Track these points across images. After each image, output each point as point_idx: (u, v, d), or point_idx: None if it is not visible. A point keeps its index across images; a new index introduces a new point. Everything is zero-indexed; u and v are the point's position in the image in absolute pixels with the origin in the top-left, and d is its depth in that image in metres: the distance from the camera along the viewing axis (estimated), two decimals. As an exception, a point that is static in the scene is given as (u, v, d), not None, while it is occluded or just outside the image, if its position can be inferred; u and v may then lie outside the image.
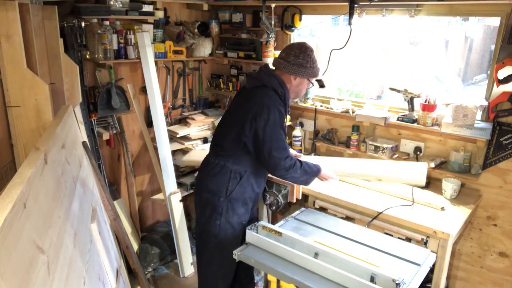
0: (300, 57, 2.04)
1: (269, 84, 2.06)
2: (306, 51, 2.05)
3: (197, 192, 2.26)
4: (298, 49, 2.05)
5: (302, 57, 2.04)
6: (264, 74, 2.10)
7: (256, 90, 2.08)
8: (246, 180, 2.13)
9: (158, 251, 3.16)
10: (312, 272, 1.70)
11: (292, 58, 2.05)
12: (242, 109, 2.07)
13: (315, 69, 2.09)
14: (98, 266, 1.61)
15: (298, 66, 2.05)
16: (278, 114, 2.00)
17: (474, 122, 2.35)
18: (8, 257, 0.83)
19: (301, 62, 2.05)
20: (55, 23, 2.14)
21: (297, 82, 2.11)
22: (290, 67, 2.05)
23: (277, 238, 1.91)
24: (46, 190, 1.20)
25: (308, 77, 2.10)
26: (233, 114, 2.16)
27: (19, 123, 1.80)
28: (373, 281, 1.58)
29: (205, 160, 2.24)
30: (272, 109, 2.00)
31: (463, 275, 2.65)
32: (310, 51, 2.07)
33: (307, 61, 2.05)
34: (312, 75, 2.10)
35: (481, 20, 2.91)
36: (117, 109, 2.95)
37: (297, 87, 2.13)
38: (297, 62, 2.04)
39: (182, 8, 3.32)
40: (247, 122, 2.01)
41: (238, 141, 2.07)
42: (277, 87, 2.06)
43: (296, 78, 2.09)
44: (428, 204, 2.27)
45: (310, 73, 2.08)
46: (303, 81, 2.12)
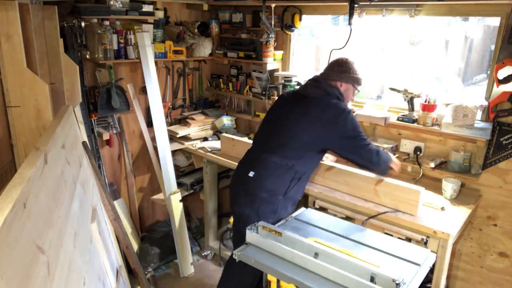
0: (349, 66, 2.28)
1: (332, 92, 2.24)
2: (352, 63, 2.30)
3: (252, 191, 2.22)
4: (347, 61, 2.30)
5: (350, 66, 2.29)
6: (324, 84, 2.27)
7: (323, 97, 2.23)
8: (303, 181, 2.28)
9: (158, 251, 3.16)
10: (312, 272, 1.70)
11: (337, 68, 2.29)
12: (316, 114, 2.19)
13: (358, 76, 2.29)
14: (98, 266, 1.61)
15: (341, 72, 2.27)
16: (351, 116, 2.21)
17: (474, 122, 2.35)
18: (8, 257, 0.83)
19: (345, 69, 2.28)
20: (55, 23, 2.14)
21: (344, 88, 2.29)
22: (336, 75, 2.27)
23: (277, 238, 1.91)
24: (46, 190, 1.20)
25: (352, 83, 2.28)
26: (297, 116, 2.23)
27: (19, 123, 1.80)
28: (373, 281, 1.58)
29: (267, 160, 2.22)
30: (347, 111, 2.20)
31: (463, 275, 2.65)
32: (352, 63, 2.30)
33: (354, 70, 2.28)
34: (355, 81, 2.29)
35: (481, 20, 2.91)
36: (117, 109, 2.95)
37: (346, 92, 2.30)
38: (340, 69, 2.27)
39: (182, 8, 3.33)
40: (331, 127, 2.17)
41: (313, 144, 2.22)
42: (338, 93, 2.26)
43: (342, 84, 2.27)
44: (428, 204, 2.26)
45: (354, 78, 2.28)
46: (349, 87, 2.29)
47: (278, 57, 3.17)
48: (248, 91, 3.34)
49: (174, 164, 3.25)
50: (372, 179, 2.30)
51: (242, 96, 3.43)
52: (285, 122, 2.27)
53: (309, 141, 2.21)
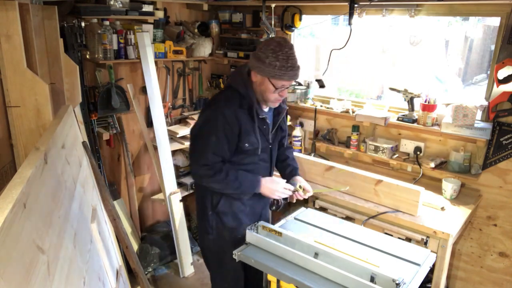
0: (262, 50, 1.71)
1: (232, 82, 1.85)
2: (271, 45, 1.69)
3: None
4: (267, 41, 1.74)
5: (264, 50, 1.70)
6: (235, 71, 1.88)
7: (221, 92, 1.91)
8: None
9: (158, 251, 3.16)
10: (312, 272, 1.70)
11: (256, 51, 1.75)
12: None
13: (275, 69, 1.68)
14: (98, 266, 1.61)
15: (256, 60, 1.72)
16: (213, 115, 1.77)
17: (474, 122, 2.35)
18: (8, 257, 0.83)
19: (260, 55, 1.71)
20: (55, 23, 2.14)
21: (258, 81, 1.78)
22: (251, 60, 1.76)
23: (277, 238, 1.91)
24: (46, 190, 1.20)
25: (267, 76, 1.72)
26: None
27: (19, 123, 1.80)
28: (373, 281, 1.58)
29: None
30: (210, 110, 1.82)
31: (463, 275, 2.65)
32: (279, 46, 1.68)
33: (267, 55, 1.68)
34: (270, 74, 1.70)
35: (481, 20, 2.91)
36: (117, 109, 2.95)
37: (259, 87, 1.80)
38: (257, 55, 1.72)
39: (182, 8, 3.33)
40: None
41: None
42: (239, 86, 1.81)
43: (257, 76, 1.77)
44: (428, 204, 2.27)
45: (267, 70, 1.69)
46: (264, 81, 1.76)
47: (278, 57, 3.17)
48: (248, 91, 3.33)
49: (174, 164, 3.25)
50: (372, 179, 2.30)
51: (242, 96, 3.42)
52: None
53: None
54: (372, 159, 2.80)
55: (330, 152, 3.00)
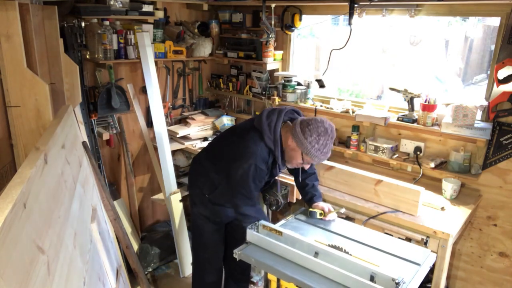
0: (310, 127, 1.92)
1: (264, 134, 1.99)
2: (320, 127, 1.91)
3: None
4: (317, 121, 1.94)
5: (312, 128, 1.92)
6: (267, 122, 2.01)
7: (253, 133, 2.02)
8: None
9: (158, 251, 3.16)
10: (312, 271, 1.70)
11: (304, 123, 1.95)
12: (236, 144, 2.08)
13: (312, 149, 1.92)
14: (98, 266, 1.61)
15: (302, 132, 1.93)
16: (253, 169, 1.97)
17: (474, 122, 2.35)
18: (8, 257, 0.83)
19: (306, 131, 1.93)
20: (55, 23, 2.14)
21: (291, 146, 2.00)
22: (297, 129, 1.96)
23: (278, 238, 1.91)
24: (46, 190, 1.20)
25: (301, 150, 1.96)
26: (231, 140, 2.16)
27: (19, 123, 1.80)
28: (373, 281, 1.58)
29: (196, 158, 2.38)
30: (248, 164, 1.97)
31: (463, 275, 2.65)
32: (325, 132, 1.91)
33: (311, 134, 1.91)
34: (305, 151, 1.94)
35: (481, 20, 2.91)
36: (117, 109, 2.95)
37: (290, 152, 2.02)
38: (304, 129, 1.93)
39: (182, 8, 3.33)
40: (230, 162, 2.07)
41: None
42: (269, 141, 1.99)
43: (292, 143, 1.98)
44: (428, 204, 2.27)
45: (304, 147, 1.93)
46: (297, 151, 1.98)
47: (278, 57, 3.17)
48: (248, 91, 3.34)
49: (174, 164, 3.25)
50: (372, 179, 2.30)
51: (242, 96, 3.43)
52: (226, 134, 2.28)
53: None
54: (372, 159, 2.80)
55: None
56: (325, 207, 2.20)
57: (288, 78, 3.10)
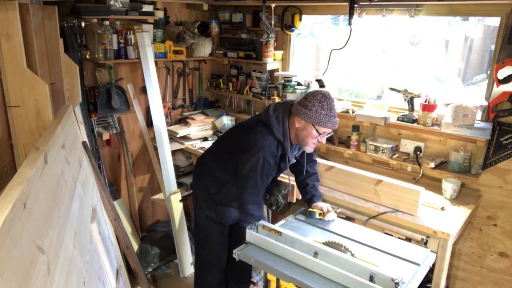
0: (308, 99, 1.93)
1: (272, 126, 1.99)
2: (317, 96, 1.92)
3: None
4: (312, 93, 1.95)
5: (311, 99, 1.92)
6: (274, 115, 2.01)
7: (261, 127, 2.02)
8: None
9: (158, 251, 3.16)
10: (311, 271, 1.70)
11: (302, 100, 1.97)
12: (243, 139, 2.08)
13: (320, 116, 1.90)
14: (98, 266, 1.61)
15: (303, 107, 1.93)
16: (261, 163, 1.96)
17: (474, 122, 2.35)
18: (8, 257, 0.83)
19: (307, 104, 1.92)
20: (55, 23, 2.14)
21: (301, 126, 1.98)
22: (296, 107, 1.97)
23: (277, 238, 1.91)
24: (46, 190, 1.20)
25: (312, 123, 1.93)
26: (238, 136, 2.15)
27: (19, 123, 1.80)
28: (372, 281, 1.58)
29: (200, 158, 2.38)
30: (256, 157, 1.96)
31: (463, 275, 2.65)
32: (324, 97, 1.91)
33: (313, 104, 1.90)
34: (316, 121, 1.91)
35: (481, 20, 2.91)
36: (117, 109, 2.95)
37: (301, 132, 1.99)
38: (303, 103, 1.94)
39: (182, 8, 3.33)
40: (238, 157, 2.05)
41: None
42: (278, 133, 1.99)
43: (301, 122, 1.97)
44: (428, 204, 2.27)
45: (313, 117, 1.90)
46: (308, 127, 1.95)
47: (278, 57, 3.17)
48: (248, 91, 3.34)
49: (174, 164, 3.25)
50: (372, 179, 2.30)
51: (242, 96, 3.43)
52: (231, 132, 2.29)
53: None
54: (372, 159, 2.80)
55: (330, 152, 3.00)
56: (324, 207, 2.20)
57: (288, 78, 3.09)
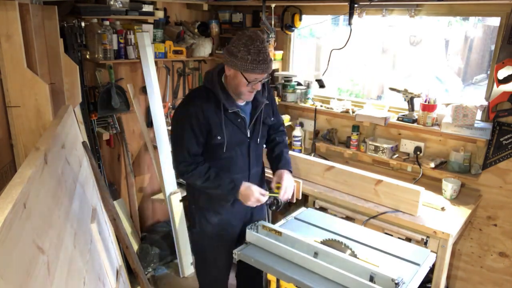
0: (234, 44, 1.72)
1: (204, 80, 1.91)
2: (242, 39, 1.70)
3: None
4: (238, 36, 1.73)
5: (236, 44, 1.71)
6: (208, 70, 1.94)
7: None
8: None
9: (158, 251, 3.16)
10: (311, 271, 1.70)
11: (229, 45, 1.76)
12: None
13: (247, 62, 1.68)
14: (98, 266, 1.61)
15: (229, 54, 1.74)
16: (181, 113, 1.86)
17: (474, 122, 2.35)
18: (8, 257, 0.83)
19: (232, 49, 1.72)
20: (55, 23, 2.14)
21: (231, 75, 1.79)
22: (224, 55, 1.78)
23: (277, 238, 1.91)
24: (46, 190, 1.20)
25: (239, 70, 1.72)
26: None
27: (19, 123, 1.80)
28: (373, 281, 1.58)
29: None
30: (178, 109, 1.90)
31: (463, 275, 2.65)
32: (250, 40, 1.69)
33: (238, 49, 1.69)
34: (243, 68, 1.71)
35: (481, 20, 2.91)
36: (117, 109, 2.95)
37: (232, 81, 1.81)
38: (229, 49, 1.74)
39: (182, 8, 3.32)
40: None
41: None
42: (207, 82, 1.87)
43: (230, 70, 1.78)
44: (428, 204, 2.27)
45: (239, 65, 1.70)
46: (237, 75, 1.76)
47: (278, 57, 3.17)
48: (248, 91, 3.33)
49: (174, 164, 3.25)
50: (372, 179, 2.30)
51: (242, 96, 3.42)
52: None
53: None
54: (372, 159, 2.80)
55: (330, 152, 3.00)
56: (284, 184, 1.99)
57: (288, 78, 3.10)
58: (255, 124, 1.99)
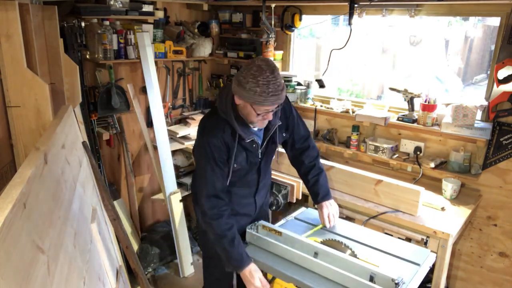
0: (243, 74, 1.63)
1: (218, 105, 1.80)
2: (251, 69, 1.61)
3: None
4: (247, 65, 1.65)
5: (245, 74, 1.62)
6: (221, 92, 1.83)
7: (210, 110, 1.89)
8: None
9: (158, 251, 3.16)
10: (311, 271, 1.70)
11: (238, 74, 1.67)
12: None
13: (255, 95, 1.60)
14: (98, 266, 1.61)
15: (237, 84, 1.65)
16: (203, 146, 1.77)
17: (474, 122, 2.35)
18: (8, 257, 0.83)
19: (241, 80, 1.63)
20: (55, 23, 2.14)
21: (241, 104, 1.72)
22: (233, 84, 1.69)
23: (277, 238, 1.91)
24: (46, 190, 1.20)
25: (248, 102, 1.66)
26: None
27: (19, 123, 1.80)
28: (373, 281, 1.58)
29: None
30: (199, 139, 1.82)
31: (463, 275, 2.65)
32: (259, 70, 1.59)
33: (247, 80, 1.60)
34: (251, 101, 1.63)
35: (481, 20, 2.91)
36: (117, 109, 2.95)
37: (243, 110, 1.74)
38: (238, 79, 1.65)
39: (182, 8, 3.33)
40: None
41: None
42: (222, 111, 1.78)
43: (239, 100, 1.70)
44: (428, 204, 2.27)
45: (248, 97, 1.63)
46: (246, 106, 1.70)
47: (278, 57, 3.17)
48: (248, 91, 3.33)
49: (174, 164, 3.25)
50: (372, 179, 2.30)
51: (242, 96, 3.42)
52: None
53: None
54: (372, 159, 2.80)
55: (330, 152, 3.00)
56: (325, 214, 2.02)
57: (288, 78, 3.09)
58: (267, 145, 1.97)
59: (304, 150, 2.10)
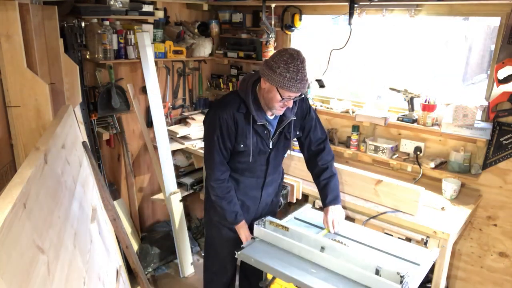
0: (274, 59, 1.77)
1: (239, 87, 1.97)
2: (284, 55, 1.75)
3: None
4: (280, 52, 1.79)
5: (277, 60, 1.75)
6: (245, 76, 1.99)
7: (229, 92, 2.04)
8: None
9: (158, 251, 3.16)
10: (318, 265, 1.75)
11: (269, 59, 1.81)
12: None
13: (285, 79, 1.73)
14: (98, 266, 1.61)
15: (268, 68, 1.77)
16: (213, 118, 1.90)
17: (474, 122, 2.35)
18: (8, 257, 0.83)
19: (272, 64, 1.76)
20: (55, 23, 2.13)
21: (266, 88, 1.83)
22: (263, 68, 1.82)
23: (284, 233, 1.94)
24: (46, 190, 1.20)
25: (276, 85, 1.77)
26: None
27: (19, 123, 1.80)
28: (378, 274, 1.60)
29: None
30: (210, 114, 1.94)
31: (463, 275, 2.65)
32: (291, 58, 1.73)
33: (278, 65, 1.73)
34: (279, 85, 1.75)
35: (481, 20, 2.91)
36: (117, 109, 2.95)
37: (266, 94, 1.85)
38: (269, 63, 1.78)
39: (182, 8, 3.33)
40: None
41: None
42: (241, 91, 1.92)
43: (266, 83, 1.82)
44: (428, 204, 2.27)
45: (277, 80, 1.74)
46: (272, 90, 1.81)
47: (278, 57, 3.17)
48: (248, 91, 3.34)
49: (174, 164, 3.25)
50: (372, 179, 2.30)
51: (242, 96, 3.42)
52: None
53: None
54: (372, 159, 2.80)
55: (330, 152, 2.99)
56: (329, 219, 2.04)
57: (288, 78, 3.09)
58: (279, 137, 2.06)
59: (319, 152, 2.17)
